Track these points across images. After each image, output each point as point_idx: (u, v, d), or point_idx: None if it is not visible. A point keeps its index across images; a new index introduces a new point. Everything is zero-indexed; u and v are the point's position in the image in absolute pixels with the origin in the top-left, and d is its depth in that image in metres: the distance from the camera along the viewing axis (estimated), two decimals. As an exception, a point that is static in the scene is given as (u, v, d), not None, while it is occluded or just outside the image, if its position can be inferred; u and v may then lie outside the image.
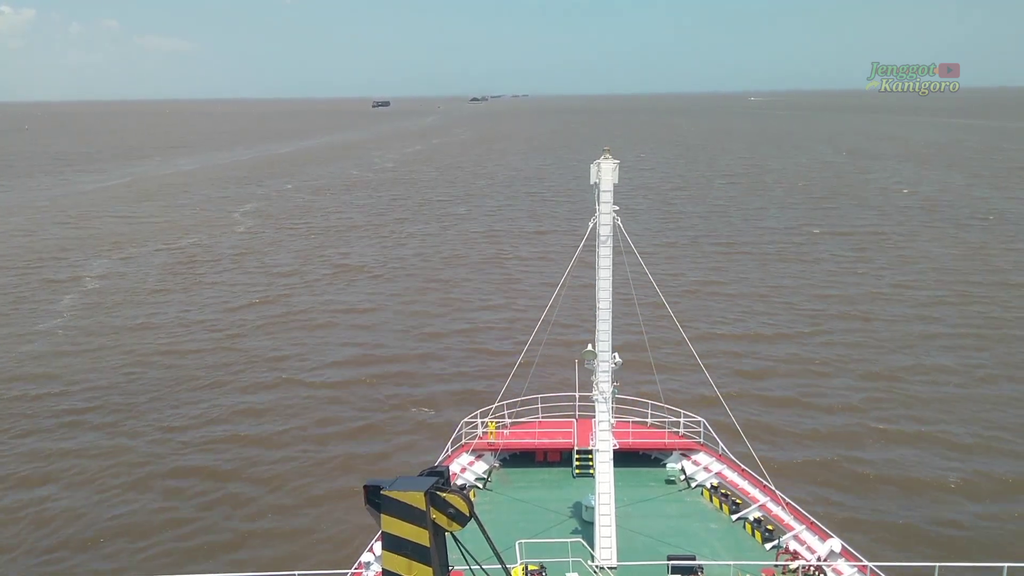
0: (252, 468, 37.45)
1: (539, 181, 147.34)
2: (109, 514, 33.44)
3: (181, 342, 55.02)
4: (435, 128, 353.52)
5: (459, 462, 29.23)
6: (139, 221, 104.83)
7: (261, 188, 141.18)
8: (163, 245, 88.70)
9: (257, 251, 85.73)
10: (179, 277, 73.83)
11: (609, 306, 22.45)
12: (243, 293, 67.89)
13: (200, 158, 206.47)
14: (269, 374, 49.21)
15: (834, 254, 79.60)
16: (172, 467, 37.52)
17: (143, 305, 64.30)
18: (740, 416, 29.67)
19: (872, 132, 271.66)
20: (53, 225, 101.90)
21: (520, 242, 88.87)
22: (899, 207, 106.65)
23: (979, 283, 66.95)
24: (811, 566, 22.20)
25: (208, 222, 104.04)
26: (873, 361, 49.51)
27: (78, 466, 37.53)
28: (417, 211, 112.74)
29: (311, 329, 58.16)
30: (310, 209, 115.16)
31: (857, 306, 61.42)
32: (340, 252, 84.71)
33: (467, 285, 70.46)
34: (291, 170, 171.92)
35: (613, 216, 21.79)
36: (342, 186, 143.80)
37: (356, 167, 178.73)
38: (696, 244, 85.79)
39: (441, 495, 10.31)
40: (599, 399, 23.02)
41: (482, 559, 11.94)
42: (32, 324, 59.24)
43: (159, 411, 43.60)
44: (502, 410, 31.08)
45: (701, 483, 28.44)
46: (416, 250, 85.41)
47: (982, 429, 40.03)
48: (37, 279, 73.04)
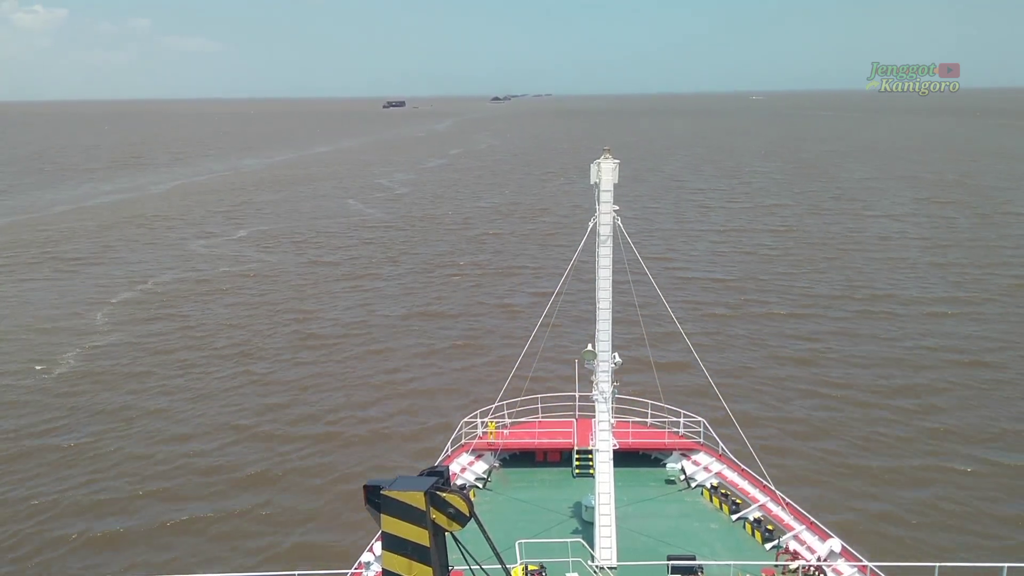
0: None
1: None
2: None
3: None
4: (452, 135, 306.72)
5: (459, 462, 29.21)
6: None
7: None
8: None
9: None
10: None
11: (609, 306, 22.44)
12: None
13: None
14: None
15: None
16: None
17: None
18: (740, 416, 29.65)
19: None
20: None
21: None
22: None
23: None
24: (811, 566, 22.19)
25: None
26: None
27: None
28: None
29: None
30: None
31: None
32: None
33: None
34: (252, 203, 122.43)
35: (613, 216, 21.81)
36: (323, 236, 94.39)
37: (358, 191, 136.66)
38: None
39: (441, 495, 10.29)
40: (599, 399, 23.00)
41: (482, 559, 11.93)
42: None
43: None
44: (502, 410, 31.07)
45: (701, 483, 28.42)
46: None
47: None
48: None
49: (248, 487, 35.78)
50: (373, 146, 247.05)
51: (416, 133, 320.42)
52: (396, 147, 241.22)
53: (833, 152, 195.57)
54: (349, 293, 68.48)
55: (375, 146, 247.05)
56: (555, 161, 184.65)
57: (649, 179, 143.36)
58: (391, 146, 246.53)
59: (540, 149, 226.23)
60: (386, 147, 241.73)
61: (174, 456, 38.68)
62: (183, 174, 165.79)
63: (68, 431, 41.58)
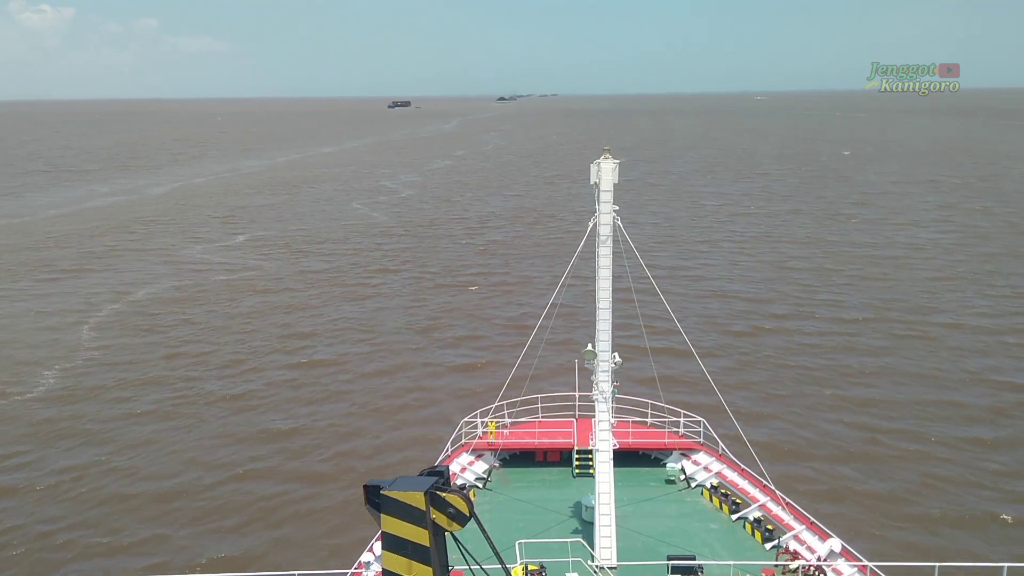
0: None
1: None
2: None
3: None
4: (457, 135, 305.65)
5: (459, 462, 29.21)
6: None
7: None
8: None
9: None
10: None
11: (609, 306, 22.43)
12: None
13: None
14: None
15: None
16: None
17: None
18: (740, 416, 29.64)
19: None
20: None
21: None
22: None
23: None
24: (811, 566, 22.19)
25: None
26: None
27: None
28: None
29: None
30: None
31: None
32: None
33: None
34: (250, 207, 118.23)
35: (613, 216, 21.80)
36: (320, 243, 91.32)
37: (364, 195, 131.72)
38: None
39: (441, 495, 10.30)
40: (599, 399, 23.00)
41: (482, 559, 11.94)
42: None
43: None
44: (502, 410, 31.08)
45: (701, 483, 28.42)
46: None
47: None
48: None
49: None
50: (378, 147, 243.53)
51: (422, 133, 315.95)
52: (401, 148, 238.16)
53: (851, 155, 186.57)
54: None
55: (380, 147, 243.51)
56: (564, 163, 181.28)
57: (663, 183, 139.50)
58: (396, 147, 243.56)
59: (547, 151, 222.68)
60: (391, 148, 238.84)
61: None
62: (182, 175, 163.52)
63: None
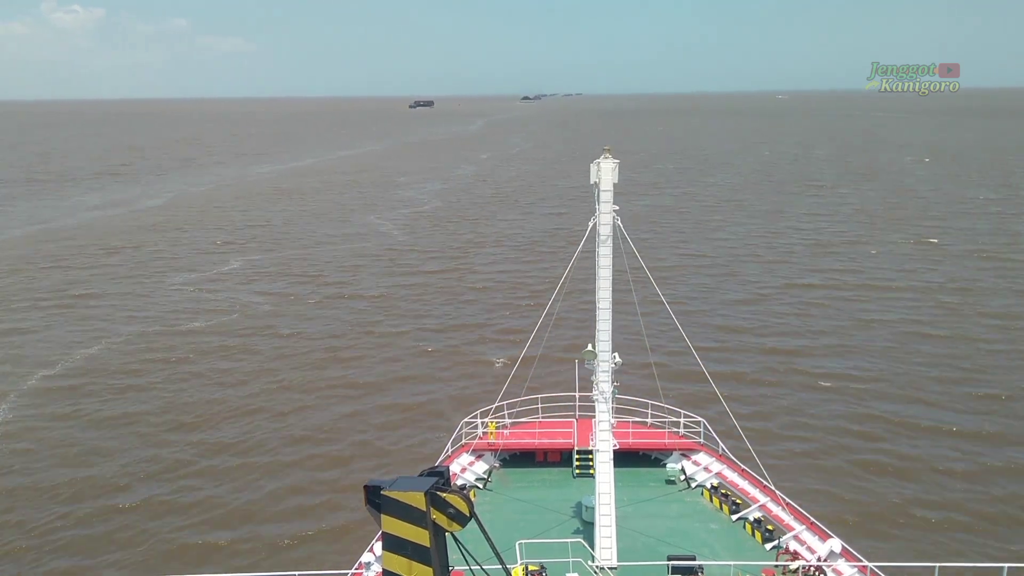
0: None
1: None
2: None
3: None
4: (482, 138, 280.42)
5: (459, 462, 29.21)
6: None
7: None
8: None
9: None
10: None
11: (609, 306, 22.44)
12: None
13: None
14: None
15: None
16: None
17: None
18: (740, 416, 29.64)
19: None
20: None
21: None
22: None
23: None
24: (811, 566, 22.18)
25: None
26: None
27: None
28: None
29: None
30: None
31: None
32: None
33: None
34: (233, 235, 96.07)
35: (613, 216, 21.82)
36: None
37: (377, 211, 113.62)
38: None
39: (441, 495, 10.31)
40: (599, 399, 23.00)
41: (482, 559, 11.94)
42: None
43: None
44: (502, 410, 31.07)
45: (701, 483, 28.41)
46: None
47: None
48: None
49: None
50: (400, 150, 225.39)
51: (444, 135, 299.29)
52: (424, 151, 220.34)
53: (931, 162, 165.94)
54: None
55: (402, 150, 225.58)
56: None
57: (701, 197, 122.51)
58: (419, 150, 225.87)
59: (579, 156, 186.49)
60: (414, 151, 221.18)
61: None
62: (191, 181, 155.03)
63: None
